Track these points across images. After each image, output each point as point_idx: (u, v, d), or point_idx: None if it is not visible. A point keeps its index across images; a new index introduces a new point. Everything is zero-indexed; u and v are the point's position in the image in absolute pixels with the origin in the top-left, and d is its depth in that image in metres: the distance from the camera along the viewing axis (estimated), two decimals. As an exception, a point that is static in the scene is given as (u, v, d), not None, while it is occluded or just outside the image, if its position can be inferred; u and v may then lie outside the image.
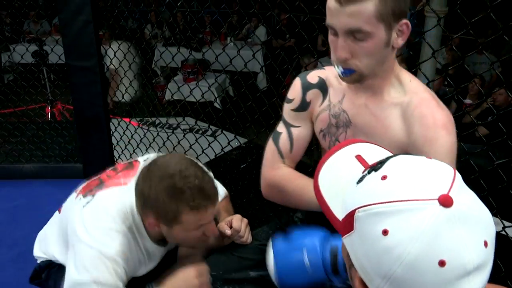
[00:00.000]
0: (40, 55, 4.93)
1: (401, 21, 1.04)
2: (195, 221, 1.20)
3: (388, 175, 0.62)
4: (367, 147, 0.79)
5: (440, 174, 0.62)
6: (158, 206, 1.19)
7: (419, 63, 1.85)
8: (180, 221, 1.19)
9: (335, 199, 0.70)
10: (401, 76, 1.16)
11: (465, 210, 0.58)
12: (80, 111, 2.78)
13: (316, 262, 1.08)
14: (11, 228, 2.63)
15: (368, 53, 1.05)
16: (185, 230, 1.22)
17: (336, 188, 0.72)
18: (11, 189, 3.06)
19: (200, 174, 1.20)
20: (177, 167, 1.20)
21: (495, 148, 1.82)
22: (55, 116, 4.70)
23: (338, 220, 0.67)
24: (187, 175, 1.18)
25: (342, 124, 1.25)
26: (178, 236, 1.25)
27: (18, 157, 3.25)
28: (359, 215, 0.62)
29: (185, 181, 1.17)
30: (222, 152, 2.58)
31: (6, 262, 2.37)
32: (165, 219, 1.20)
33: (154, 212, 1.21)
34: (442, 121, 1.08)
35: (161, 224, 1.23)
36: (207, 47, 6.24)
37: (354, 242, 0.63)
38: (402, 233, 0.57)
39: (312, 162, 2.80)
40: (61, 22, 2.53)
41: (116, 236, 1.25)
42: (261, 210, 2.26)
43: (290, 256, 1.11)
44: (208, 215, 1.22)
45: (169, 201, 1.17)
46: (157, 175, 1.19)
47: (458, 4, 1.54)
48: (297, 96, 1.32)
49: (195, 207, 1.17)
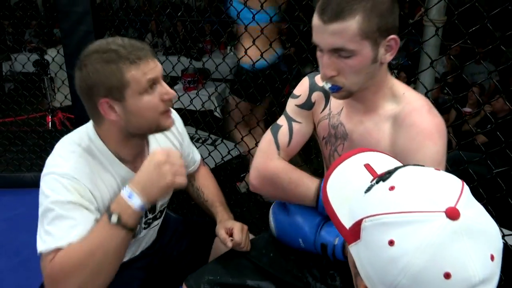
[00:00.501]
0: (41, 64, 4.95)
1: (389, 37, 1.04)
2: (141, 75, 1.14)
3: (396, 186, 0.63)
4: (376, 156, 0.80)
5: (448, 186, 0.62)
6: (100, 78, 1.13)
7: (417, 73, 1.86)
8: (127, 82, 1.13)
9: (342, 207, 0.70)
10: (395, 89, 1.15)
11: (472, 224, 0.58)
12: (81, 120, 2.77)
13: (309, 247, 1.23)
14: (12, 237, 2.62)
15: (354, 70, 1.05)
16: (136, 93, 1.15)
17: (344, 196, 0.72)
18: (12, 198, 3.07)
19: (125, 38, 1.18)
20: (102, 41, 1.18)
21: (495, 156, 1.83)
22: (55, 125, 4.71)
23: (345, 228, 0.68)
24: (114, 40, 1.17)
25: (340, 135, 1.26)
26: (135, 107, 1.16)
27: (18, 166, 3.26)
28: (366, 225, 0.62)
29: (114, 44, 1.15)
30: (222, 161, 2.59)
31: (6, 271, 2.36)
32: (113, 89, 1.13)
33: (101, 89, 1.14)
34: (429, 130, 1.06)
35: (114, 104, 1.16)
36: (207, 56, 6.29)
37: (360, 251, 0.64)
38: (408, 244, 0.57)
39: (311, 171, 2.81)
40: (63, 32, 2.55)
41: (70, 156, 1.20)
42: (261, 219, 2.26)
43: (288, 234, 1.28)
44: (152, 68, 1.17)
45: (107, 66, 1.12)
46: (86, 55, 1.16)
47: (455, 14, 1.55)
48: (303, 94, 1.33)
49: (135, 60, 1.13)
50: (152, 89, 1.18)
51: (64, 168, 1.17)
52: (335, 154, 1.29)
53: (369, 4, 0.99)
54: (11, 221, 2.82)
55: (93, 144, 1.25)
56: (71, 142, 1.25)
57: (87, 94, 1.18)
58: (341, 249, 1.16)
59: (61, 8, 2.44)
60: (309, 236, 1.23)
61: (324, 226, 1.22)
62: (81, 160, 1.20)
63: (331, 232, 1.20)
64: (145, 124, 1.22)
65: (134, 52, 1.14)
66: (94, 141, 1.25)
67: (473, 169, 1.64)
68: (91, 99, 1.18)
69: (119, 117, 1.18)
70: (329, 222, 1.22)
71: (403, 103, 1.13)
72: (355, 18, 0.99)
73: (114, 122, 1.20)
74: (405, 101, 1.13)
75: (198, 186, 1.65)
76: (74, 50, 2.52)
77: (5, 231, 2.71)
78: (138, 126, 1.22)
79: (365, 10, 0.99)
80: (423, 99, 1.14)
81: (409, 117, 1.09)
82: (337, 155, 1.29)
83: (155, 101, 1.19)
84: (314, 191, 1.20)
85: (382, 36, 1.02)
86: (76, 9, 2.40)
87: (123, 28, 5.43)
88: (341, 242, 1.16)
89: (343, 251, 1.16)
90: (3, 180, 3.21)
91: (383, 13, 1.00)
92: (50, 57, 3.62)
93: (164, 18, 5.80)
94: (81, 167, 1.19)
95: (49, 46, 4.39)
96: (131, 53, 1.14)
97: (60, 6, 2.44)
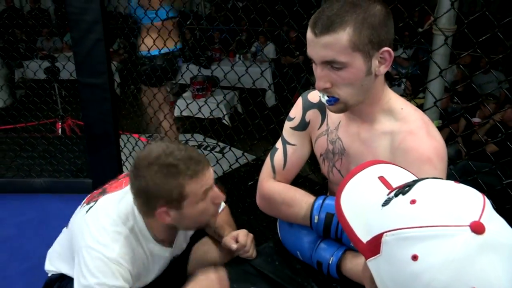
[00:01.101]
0: (52, 71, 5.01)
1: (382, 49, 1.03)
2: (199, 188, 1.21)
3: (417, 199, 0.62)
4: (389, 168, 0.78)
5: (470, 199, 0.61)
6: (160, 191, 1.19)
7: (427, 82, 1.85)
8: (186, 195, 1.20)
9: (358, 221, 0.69)
10: (392, 104, 1.15)
11: (497, 238, 0.57)
12: (90, 127, 2.81)
13: (306, 261, 1.29)
14: (21, 242, 2.64)
15: (347, 82, 1.05)
16: (194, 203, 1.23)
17: (359, 210, 0.70)
18: (22, 203, 3.09)
19: (182, 147, 1.24)
20: (159, 149, 1.23)
21: (505, 166, 1.81)
22: (65, 132, 4.75)
23: (361, 242, 0.67)
24: (171, 151, 1.21)
25: (338, 151, 1.26)
26: (190, 214, 1.24)
27: (29, 172, 3.28)
28: (387, 239, 0.61)
29: (172, 157, 1.20)
30: (230, 169, 2.59)
31: (16, 276, 2.38)
32: (173, 201, 1.20)
33: (160, 199, 1.21)
34: (427, 155, 1.05)
35: (171, 211, 1.23)
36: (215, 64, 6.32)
37: (380, 265, 0.63)
38: (432, 259, 0.56)
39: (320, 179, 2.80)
40: (73, 40, 2.58)
41: (118, 238, 1.27)
42: (268, 227, 2.26)
43: (289, 244, 1.35)
44: (207, 178, 1.24)
45: (167, 181, 1.18)
46: (144, 165, 1.21)
47: (465, 24, 1.55)
48: (297, 115, 1.34)
49: (193, 174, 1.20)
50: (206, 196, 1.25)
51: (113, 253, 1.24)
52: (334, 169, 1.30)
53: (360, 16, 1.00)
54: (21, 226, 2.84)
55: (137, 223, 1.32)
56: (117, 218, 1.30)
57: (145, 201, 1.25)
58: (335, 268, 1.19)
59: (72, 17, 2.47)
60: (306, 252, 1.27)
61: (321, 243, 1.24)
62: (127, 244, 1.28)
63: (327, 250, 1.22)
64: (195, 225, 1.34)
65: (193, 167, 1.21)
66: (139, 223, 1.32)
67: (483, 179, 1.62)
68: (149, 205, 1.25)
69: (171, 220, 1.26)
70: (327, 239, 1.24)
71: (400, 121, 1.12)
72: (346, 30, 0.99)
73: (165, 222, 1.27)
74: (403, 118, 1.13)
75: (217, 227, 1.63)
76: (85, 58, 2.55)
77: (14, 236, 2.73)
78: (189, 226, 1.34)
79: (356, 23, 0.99)
80: (421, 118, 1.13)
81: (405, 140, 1.09)
82: (336, 171, 1.29)
83: (208, 206, 1.27)
84: (305, 210, 1.22)
85: (374, 48, 1.02)
86: (87, 18, 2.43)
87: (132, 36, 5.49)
88: (335, 261, 1.19)
89: (338, 269, 1.19)
90: (13, 185, 3.24)
91: (375, 25, 1.00)
92: (61, 64, 3.66)
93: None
94: (126, 251, 1.28)
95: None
96: (190, 168, 1.20)
97: (71, 15, 2.47)
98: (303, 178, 2.10)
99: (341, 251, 1.20)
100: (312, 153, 1.39)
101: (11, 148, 3.46)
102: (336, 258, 1.19)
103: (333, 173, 1.31)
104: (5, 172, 3.29)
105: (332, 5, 1.02)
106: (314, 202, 1.22)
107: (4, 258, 2.52)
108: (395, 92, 1.20)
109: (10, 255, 2.54)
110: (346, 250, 1.20)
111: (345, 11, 1.00)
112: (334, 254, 1.20)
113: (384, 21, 1.02)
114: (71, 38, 2.58)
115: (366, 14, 1.00)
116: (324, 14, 1.01)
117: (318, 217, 1.19)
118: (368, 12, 1.00)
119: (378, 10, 1.01)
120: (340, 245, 1.21)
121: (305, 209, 1.23)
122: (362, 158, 1.17)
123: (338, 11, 1.00)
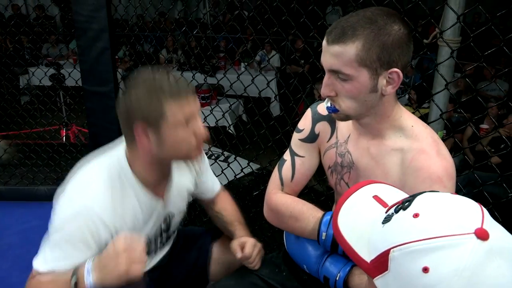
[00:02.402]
0: (57, 78, 5.04)
1: (391, 70, 1.03)
2: (179, 111, 1.19)
3: (420, 213, 0.62)
4: (383, 187, 0.80)
5: (469, 209, 0.62)
6: (141, 107, 1.18)
7: (433, 94, 1.85)
8: (165, 115, 1.18)
9: (359, 241, 0.70)
10: (403, 121, 1.15)
11: (501, 243, 0.58)
12: (95, 135, 2.81)
13: (313, 274, 1.28)
14: (24, 251, 2.63)
15: (350, 95, 1.06)
16: (173, 127, 1.20)
17: (359, 230, 0.71)
18: (25, 211, 3.08)
19: (171, 73, 1.23)
20: (149, 72, 1.23)
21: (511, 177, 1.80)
22: (69, 139, 4.76)
23: (365, 262, 0.67)
24: (160, 74, 1.22)
25: (346, 164, 1.26)
26: (169, 139, 1.21)
27: (32, 179, 3.28)
28: (395, 255, 0.61)
29: (160, 76, 1.20)
30: (235, 179, 2.59)
31: (19, 284, 2.36)
32: (151, 118, 1.18)
33: (139, 117, 1.19)
34: (437, 174, 1.06)
35: (150, 132, 1.20)
36: (220, 73, 6.34)
37: (389, 282, 0.63)
38: (443, 270, 0.57)
39: (324, 189, 2.79)
40: (80, 48, 2.58)
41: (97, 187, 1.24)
42: (273, 238, 2.25)
43: (295, 257, 1.33)
44: (190, 106, 1.22)
45: (149, 97, 1.17)
46: (132, 85, 1.21)
47: (471, 37, 1.55)
48: (306, 127, 1.34)
49: (175, 95, 1.18)
50: (187, 124, 1.22)
51: (88, 201, 1.21)
52: (342, 182, 1.30)
53: (373, 33, 1.00)
54: (24, 234, 2.83)
55: (123, 171, 1.30)
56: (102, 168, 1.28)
57: (125, 118, 1.23)
58: (342, 284, 1.19)
59: (79, 25, 2.48)
60: (312, 266, 1.26)
61: (328, 258, 1.23)
62: (108, 192, 1.24)
63: (334, 265, 1.22)
64: (175, 154, 1.27)
65: (176, 89, 1.19)
66: (124, 168, 1.30)
67: (488, 190, 1.62)
68: (128, 122, 1.23)
69: (151, 144, 1.23)
70: (334, 254, 1.24)
71: (411, 138, 1.12)
72: (355, 43, 1.00)
73: (145, 148, 1.24)
74: (414, 136, 1.12)
75: (218, 210, 1.69)
76: (91, 66, 2.56)
77: (18, 244, 2.73)
78: (168, 155, 1.27)
79: (367, 38, 1.00)
80: (431, 136, 1.13)
81: (417, 159, 1.09)
82: (344, 184, 1.29)
83: (189, 136, 1.24)
84: (313, 225, 1.22)
85: (383, 67, 1.02)
86: (93, 26, 2.44)
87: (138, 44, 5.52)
88: (343, 277, 1.19)
89: (345, 285, 1.19)
90: (17, 193, 3.24)
91: (387, 44, 1.00)
92: (66, 72, 3.67)
93: (180, 35, 5.87)
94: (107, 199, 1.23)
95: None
96: (173, 88, 1.19)
97: (78, 23, 2.48)
98: (308, 189, 2.10)
99: (348, 267, 1.19)
100: (319, 162, 1.38)
101: (15, 156, 3.46)
102: (343, 274, 1.19)
103: (340, 185, 1.31)
104: (9, 180, 3.29)
105: (351, 17, 1.03)
106: (322, 218, 1.21)
107: (7, 266, 2.52)
108: (400, 101, 1.20)
109: (13, 263, 2.54)
110: (353, 266, 1.20)
111: (359, 25, 1.00)
112: (341, 270, 1.20)
113: (399, 43, 1.01)
114: (77, 46, 2.58)
115: (380, 32, 1.00)
116: (340, 23, 1.03)
117: (326, 234, 1.18)
118: (383, 30, 1.00)
119: (395, 30, 1.01)
120: (347, 260, 1.21)
121: (312, 223, 1.22)
122: (371, 172, 1.17)
123: (353, 24, 1.01)
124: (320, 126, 1.32)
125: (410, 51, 1.05)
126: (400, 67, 1.04)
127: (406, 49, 1.04)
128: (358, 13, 1.04)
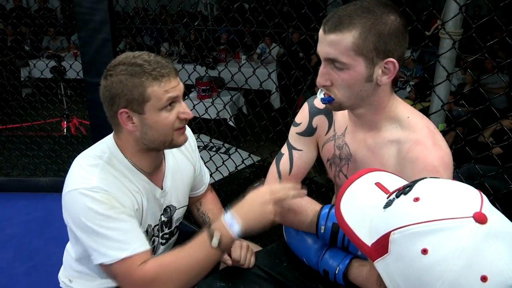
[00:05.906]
0: (58, 70, 5.04)
1: (387, 59, 1.03)
2: (162, 93, 1.18)
3: (420, 197, 0.64)
4: (384, 175, 0.81)
5: (469, 194, 0.64)
6: (123, 89, 1.17)
7: (433, 86, 1.85)
8: (148, 97, 1.17)
9: (361, 226, 0.71)
10: (399, 112, 1.14)
11: (499, 227, 0.60)
12: (96, 127, 2.81)
13: (313, 267, 1.29)
14: (26, 241, 2.66)
15: (345, 84, 1.06)
16: (156, 109, 1.19)
17: (361, 215, 0.73)
18: (27, 202, 3.11)
19: (152, 54, 1.23)
20: (129, 53, 1.22)
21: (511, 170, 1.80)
22: (70, 131, 4.77)
23: (366, 245, 0.69)
24: (140, 54, 1.21)
25: (344, 156, 1.26)
26: (152, 121, 1.21)
27: (34, 171, 3.30)
28: (395, 237, 0.63)
29: (140, 58, 1.20)
30: (236, 170, 2.60)
31: (20, 274, 2.39)
32: (134, 101, 1.18)
33: (123, 100, 1.18)
34: (433, 165, 1.05)
35: (134, 115, 1.20)
36: (221, 65, 6.33)
37: (389, 264, 0.64)
38: (442, 251, 0.58)
39: (325, 181, 2.80)
40: (81, 40, 2.58)
41: (93, 170, 1.24)
42: (273, 228, 2.25)
43: (295, 249, 1.36)
44: (173, 87, 1.21)
45: (130, 78, 1.17)
46: (111, 70, 1.21)
47: (473, 28, 1.54)
48: (304, 121, 1.34)
49: (158, 76, 1.17)
50: (171, 106, 1.22)
51: (91, 182, 1.20)
52: (340, 174, 1.30)
53: (369, 22, 1.00)
54: (26, 225, 2.85)
55: (114, 156, 1.29)
56: (92, 156, 1.28)
57: (109, 103, 1.22)
58: (342, 277, 1.20)
59: (80, 17, 2.48)
60: (312, 259, 1.27)
61: (327, 252, 1.24)
62: (105, 172, 1.24)
63: (333, 258, 1.23)
64: (159, 138, 1.25)
65: (158, 69, 1.18)
66: (114, 152, 1.30)
67: (489, 183, 1.62)
68: (112, 108, 1.22)
69: (135, 128, 1.22)
70: (333, 247, 1.24)
71: (407, 130, 1.12)
72: (351, 32, 1.00)
73: (131, 133, 1.24)
74: (410, 127, 1.12)
75: (204, 211, 1.68)
76: (92, 58, 2.56)
77: (19, 235, 2.75)
78: (153, 140, 1.26)
79: (363, 27, 1.00)
80: (427, 127, 1.12)
81: (413, 150, 1.09)
82: (343, 176, 1.30)
83: (172, 118, 1.23)
84: (311, 219, 1.23)
85: (379, 56, 1.02)
86: (95, 18, 2.44)
87: (139, 36, 5.51)
88: (342, 270, 1.19)
89: (344, 278, 1.19)
90: (18, 184, 3.26)
91: (383, 34, 1.00)
92: (68, 63, 3.67)
93: (181, 27, 5.86)
94: (107, 178, 1.24)
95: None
96: (155, 69, 1.18)
97: (79, 14, 2.48)
98: (309, 180, 2.10)
99: (348, 260, 1.20)
100: (317, 155, 1.39)
101: (17, 147, 3.47)
102: (343, 267, 1.19)
103: (339, 177, 1.31)
104: (11, 171, 3.31)
105: (348, 7, 1.03)
106: (320, 211, 1.22)
107: (9, 257, 2.54)
108: (401, 95, 1.20)
109: (15, 254, 2.56)
110: (352, 259, 1.20)
111: (356, 14, 1.01)
112: (340, 263, 1.20)
113: (395, 33, 1.02)
114: (78, 38, 2.58)
115: (376, 21, 1.00)
116: (337, 13, 1.03)
117: (324, 227, 1.19)
118: (379, 20, 1.00)
119: (391, 20, 1.01)
120: (346, 253, 1.22)
121: (311, 217, 1.23)
122: (368, 164, 1.18)
123: (350, 13, 1.01)
124: (318, 120, 1.32)
125: (406, 42, 1.06)
126: (396, 57, 1.04)
127: (402, 39, 1.04)
128: (355, 3, 1.04)
